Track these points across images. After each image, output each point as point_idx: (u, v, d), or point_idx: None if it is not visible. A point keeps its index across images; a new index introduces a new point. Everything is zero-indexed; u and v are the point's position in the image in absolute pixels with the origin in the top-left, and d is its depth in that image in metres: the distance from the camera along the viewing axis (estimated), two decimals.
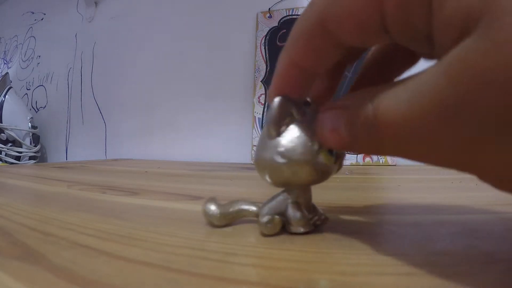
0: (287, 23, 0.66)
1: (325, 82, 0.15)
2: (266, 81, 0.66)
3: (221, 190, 0.28)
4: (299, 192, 0.14)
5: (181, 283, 0.10)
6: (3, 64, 1.25)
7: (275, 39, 0.66)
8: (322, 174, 0.13)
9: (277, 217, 0.14)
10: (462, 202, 0.20)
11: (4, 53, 1.25)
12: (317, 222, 0.14)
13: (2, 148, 0.88)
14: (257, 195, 0.25)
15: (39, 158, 0.98)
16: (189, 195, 0.25)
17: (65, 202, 0.23)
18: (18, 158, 0.90)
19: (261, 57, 0.67)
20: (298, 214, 0.14)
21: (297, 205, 0.14)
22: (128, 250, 0.12)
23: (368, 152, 0.11)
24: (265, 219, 0.14)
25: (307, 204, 0.14)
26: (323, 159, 0.13)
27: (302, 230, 0.14)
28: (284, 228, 0.14)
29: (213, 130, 0.73)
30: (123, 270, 0.11)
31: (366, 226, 0.15)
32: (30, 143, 0.92)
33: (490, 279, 0.09)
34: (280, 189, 0.15)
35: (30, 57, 1.14)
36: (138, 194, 0.26)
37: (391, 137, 0.09)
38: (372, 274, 0.10)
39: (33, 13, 1.15)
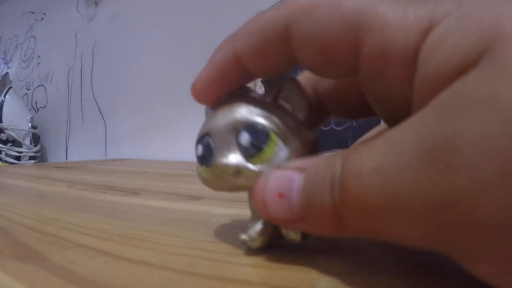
0: None
1: None
2: (266, 81, 0.65)
3: None
4: None
5: (181, 283, 0.10)
6: (3, 64, 1.25)
7: None
8: (218, 187, 0.12)
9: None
10: None
11: (4, 53, 1.25)
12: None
13: (2, 148, 0.88)
14: None
15: (39, 158, 0.98)
16: (189, 195, 0.25)
17: (65, 202, 0.23)
18: (18, 158, 0.90)
19: None
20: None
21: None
22: (128, 250, 0.12)
23: (319, 230, 0.09)
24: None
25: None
26: (201, 171, 0.12)
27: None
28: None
29: None
30: (123, 270, 0.11)
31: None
32: (30, 143, 0.92)
33: None
34: None
35: (30, 57, 1.14)
36: (138, 194, 0.26)
37: (362, 207, 0.07)
38: (371, 274, 0.10)
39: (33, 13, 1.15)
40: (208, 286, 0.09)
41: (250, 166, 0.10)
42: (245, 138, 0.10)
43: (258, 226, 0.11)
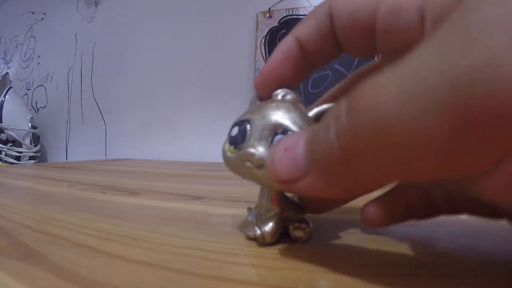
0: (287, 23, 0.66)
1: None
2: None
3: (221, 190, 0.28)
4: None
5: (181, 283, 0.10)
6: (3, 64, 1.25)
7: (275, 39, 0.66)
8: (235, 169, 0.12)
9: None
10: None
11: (4, 53, 1.25)
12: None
13: (2, 148, 0.88)
14: (257, 195, 0.24)
15: (39, 158, 0.98)
16: (189, 195, 0.25)
17: (65, 202, 0.23)
18: (18, 158, 0.90)
19: (261, 57, 0.67)
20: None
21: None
22: (128, 250, 0.12)
23: (325, 184, 0.08)
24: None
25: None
26: (227, 149, 0.12)
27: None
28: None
29: (213, 130, 0.73)
30: (123, 270, 0.11)
31: (366, 226, 0.15)
32: (30, 143, 0.92)
33: (490, 279, 0.09)
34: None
35: (30, 57, 1.14)
36: (138, 194, 0.26)
37: (378, 114, 0.06)
38: (371, 274, 0.10)
39: (33, 13, 1.15)
40: (208, 286, 0.09)
41: None
42: None
43: (271, 223, 0.13)
